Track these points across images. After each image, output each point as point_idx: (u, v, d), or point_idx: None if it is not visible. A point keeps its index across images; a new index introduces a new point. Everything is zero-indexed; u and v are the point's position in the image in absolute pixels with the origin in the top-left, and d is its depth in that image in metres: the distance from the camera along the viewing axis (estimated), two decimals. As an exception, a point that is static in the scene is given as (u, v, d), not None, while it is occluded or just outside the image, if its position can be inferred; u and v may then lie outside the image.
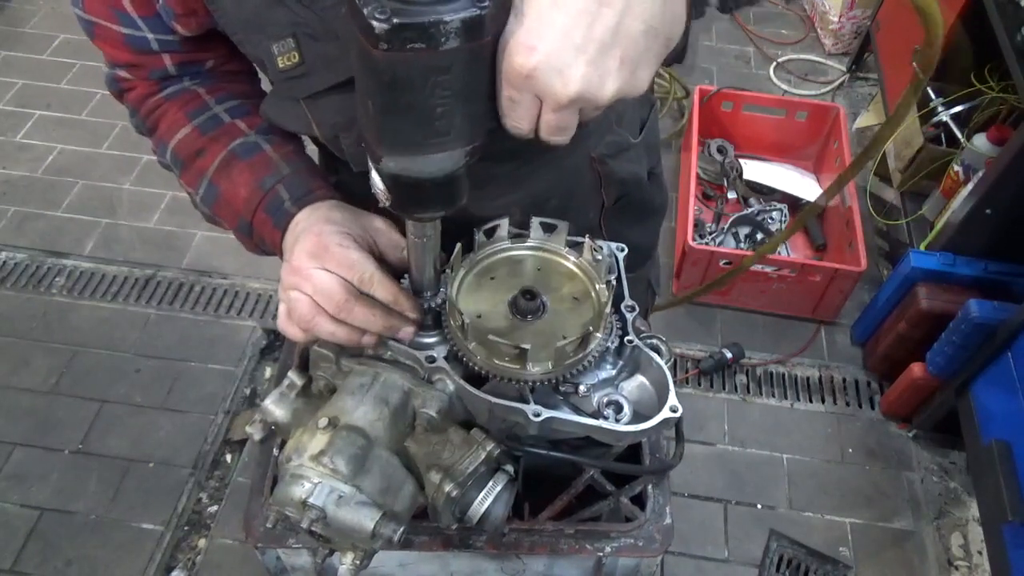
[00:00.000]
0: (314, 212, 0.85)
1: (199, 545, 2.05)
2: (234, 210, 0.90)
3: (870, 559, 2.07)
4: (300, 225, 0.84)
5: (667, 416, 0.80)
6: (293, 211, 0.86)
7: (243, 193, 0.89)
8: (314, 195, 0.87)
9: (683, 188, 2.74)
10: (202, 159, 0.92)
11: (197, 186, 0.93)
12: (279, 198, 0.87)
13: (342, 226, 0.81)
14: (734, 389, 2.42)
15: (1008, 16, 2.00)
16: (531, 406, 0.77)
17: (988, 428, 1.93)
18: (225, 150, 0.91)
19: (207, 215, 0.98)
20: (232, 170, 0.90)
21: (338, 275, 0.76)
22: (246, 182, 0.89)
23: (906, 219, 2.49)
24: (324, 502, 0.69)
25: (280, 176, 0.89)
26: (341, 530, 0.71)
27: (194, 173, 0.93)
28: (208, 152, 0.92)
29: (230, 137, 0.92)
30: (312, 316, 0.76)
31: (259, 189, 0.88)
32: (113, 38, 0.89)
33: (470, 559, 0.95)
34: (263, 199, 0.88)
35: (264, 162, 0.90)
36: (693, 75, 3.28)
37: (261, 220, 0.88)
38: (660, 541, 0.93)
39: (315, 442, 0.73)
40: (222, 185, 0.91)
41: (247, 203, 0.89)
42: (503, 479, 0.79)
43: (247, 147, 0.92)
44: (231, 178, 0.90)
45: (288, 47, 0.79)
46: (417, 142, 0.57)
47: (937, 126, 2.43)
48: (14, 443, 2.19)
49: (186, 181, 0.95)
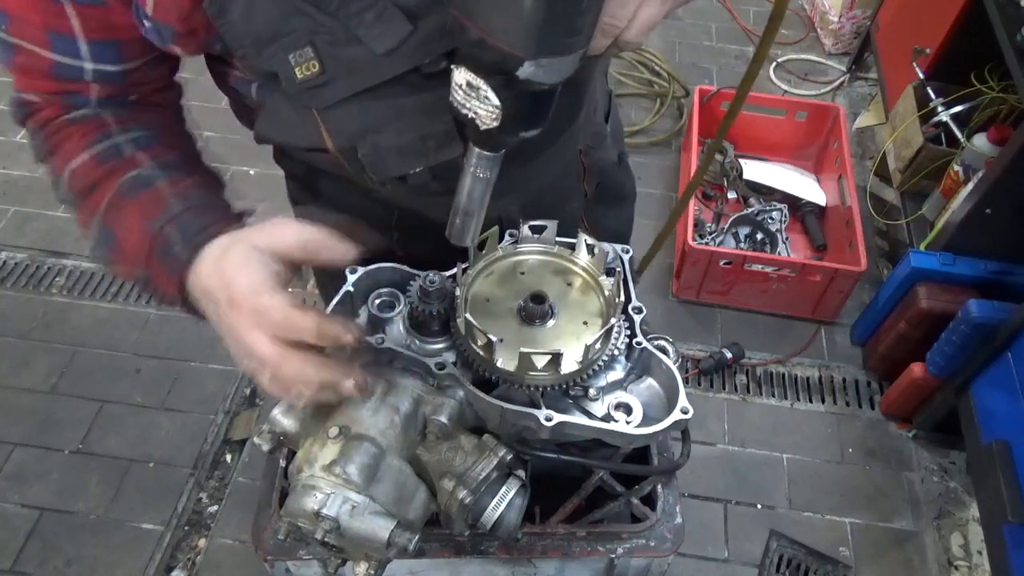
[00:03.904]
0: (211, 253, 0.73)
1: (199, 545, 2.05)
2: (129, 259, 0.79)
3: (870, 559, 2.08)
4: (204, 274, 0.72)
5: (678, 418, 0.80)
6: (184, 256, 0.73)
7: (133, 239, 0.77)
8: (209, 231, 0.74)
9: (683, 188, 2.74)
10: (94, 195, 0.81)
11: (89, 227, 0.82)
12: (167, 242, 0.75)
13: (242, 260, 0.70)
14: (734, 389, 2.42)
15: (1008, 16, 2.01)
16: (543, 411, 0.77)
17: (988, 428, 1.93)
18: (115, 186, 0.80)
19: (106, 266, 0.85)
20: (122, 211, 0.79)
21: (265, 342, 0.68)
22: (136, 225, 0.78)
23: (906, 219, 2.49)
24: (337, 512, 0.69)
25: (170, 215, 0.77)
26: (355, 540, 0.70)
27: (86, 212, 0.82)
28: (100, 187, 0.81)
29: (123, 171, 0.82)
30: (289, 388, 0.70)
31: (147, 233, 0.76)
32: (36, 66, 0.81)
33: (481, 565, 0.95)
34: (152, 244, 0.76)
35: (154, 200, 0.79)
36: (693, 75, 3.27)
37: (156, 270, 0.77)
38: (672, 540, 0.93)
39: (326, 452, 0.73)
40: (115, 229, 0.80)
41: (138, 250, 0.77)
42: (515, 484, 0.79)
43: (138, 182, 0.81)
44: (122, 220, 0.79)
45: (306, 56, 0.76)
46: (562, 43, 0.61)
47: (937, 126, 2.44)
48: (14, 443, 2.18)
49: (81, 222, 0.83)
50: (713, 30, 3.57)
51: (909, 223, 2.48)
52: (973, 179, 2.15)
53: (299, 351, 0.68)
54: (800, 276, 2.40)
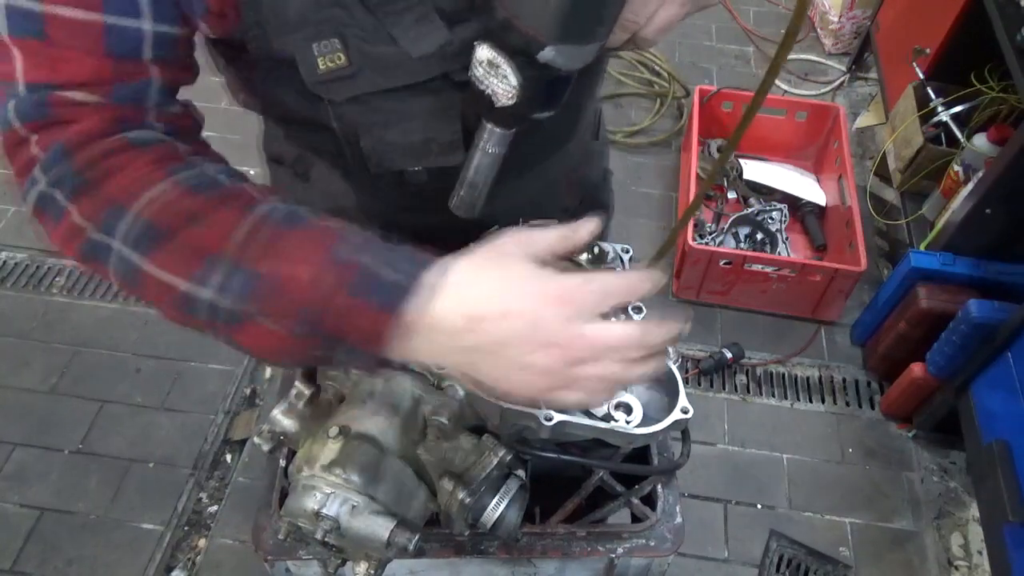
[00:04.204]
0: (458, 279, 0.61)
1: (199, 545, 2.04)
2: (292, 300, 0.61)
3: (870, 559, 2.08)
4: (466, 298, 0.60)
5: (678, 417, 0.80)
6: (406, 282, 0.59)
7: (308, 272, 0.60)
8: (423, 259, 0.62)
9: (683, 188, 2.74)
10: (200, 229, 0.62)
11: (194, 271, 0.62)
12: (370, 272, 0.60)
13: (517, 265, 0.62)
14: (734, 389, 2.42)
15: (1008, 16, 2.00)
16: (543, 410, 0.77)
17: (988, 428, 1.93)
18: (250, 216, 0.63)
19: (230, 321, 0.62)
20: (278, 244, 0.62)
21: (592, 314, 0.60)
22: (310, 256, 0.61)
23: (906, 219, 2.49)
24: (338, 512, 0.69)
25: (358, 244, 0.62)
26: (355, 540, 0.71)
27: (184, 252, 0.62)
28: (212, 220, 0.63)
29: (244, 202, 0.64)
30: (622, 379, 0.63)
31: (332, 263, 0.61)
32: (81, 40, 0.62)
33: (481, 565, 0.95)
34: (343, 276, 0.60)
35: (324, 231, 0.63)
36: (693, 75, 3.27)
37: (346, 307, 0.60)
38: (672, 540, 0.94)
39: (326, 452, 0.73)
40: (262, 266, 0.61)
41: (315, 286, 0.60)
42: (515, 484, 0.80)
43: (287, 215, 0.64)
44: (281, 253, 0.61)
45: (333, 47, 0.72)
46: (585, 31, 0.63)
47: (937, 126, 2.43)
48: (14, 443, 2.18)
49: (164, 264, 0.62)
50: (713, 30, 3.57)
51: (909, 223, 2.48)
52: (973, 179, 2.15)
53: None
54: (800, 276, 2.40)
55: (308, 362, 0.70)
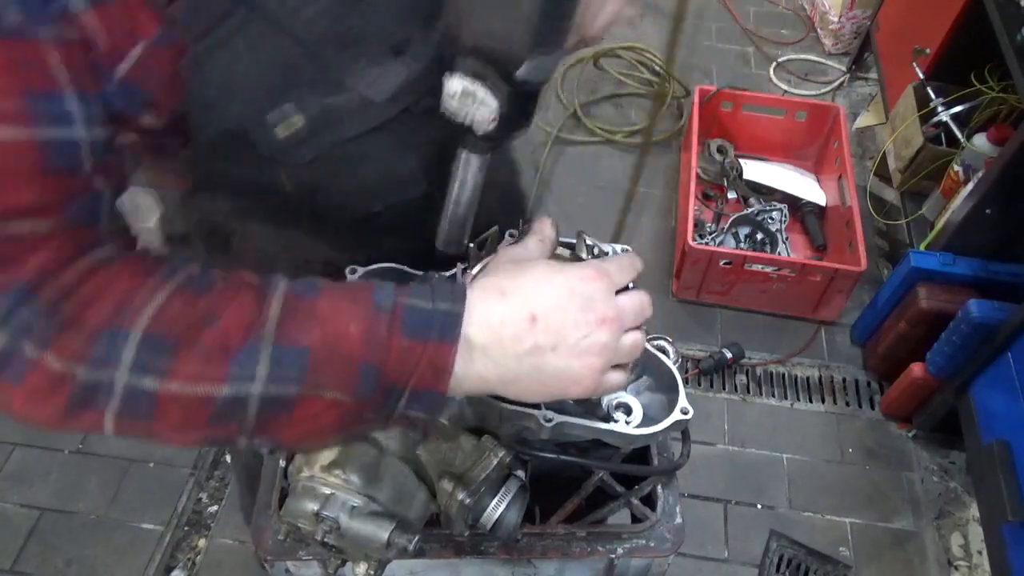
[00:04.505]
0: (487, 286, 0.64)
1: (199, 545, 2.05)
2: (350, 359, 0.58)
3: (870, 559, 2.08)
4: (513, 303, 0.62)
5: (678, 418, 0.80)
6: (456, 309, 0.61)
7: (355, 330, 0.58)
8: (456, 283, 0.64)
9: (683, 188, 2.74)
10: (221, 326, 0.57)
11: (230, 369, 0.56)
12: (414, 311, 0.60)
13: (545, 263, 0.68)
14: (734, 389, 2.42)
15: (1008, 16, 2.00)
16: (543, 411, 0.77)
17: (988, 428, 1.93)
18: (270, 298, 0.59)
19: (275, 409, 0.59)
20: (314, 313, 0.59)
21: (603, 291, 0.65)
22: (350, 315, 0.59)
23: (906, 219, 2.49)
24: (337, 513, 0.69)
25: (389, 289, 0.62)
26: (355, 541, 0.71)
27: (212, 353, 0.56)
28: (231, 313, 0.57)
29: (254, 288, 0.60)
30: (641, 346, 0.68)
31: (379, 313, 0.59)
32: (15, 159, 0.52)
33: (481, 565, 0.95)
34: (396, 321, 0.59)
35: (352, 288, 0.62)
36: (693, 75, 3.27)
37: (406, 348, 0.59)
38: (672, 541, 0.93)
39: (326, 452, 0.73)
40: (308, 338, 0.58)
41: (369, 338, 0.58)
42: (515, 485, 0.79)
43: (307, 286, 0.62)
44: (319, 322, 0.59)
45: (288, 112, 0.69)
46: (556, 39, 0.64)
47: (937, 126, 2.43)
48: (14, 443, 2.18)
49: (190, 376, 0.56)
50: (713, 30, 3.57)
51: (909, 223, 2.48)
52: (973, 179, 2.15)
53: None
54: (800, 276, 2.40)
55: (358, 429, 0.66)
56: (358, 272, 0.87)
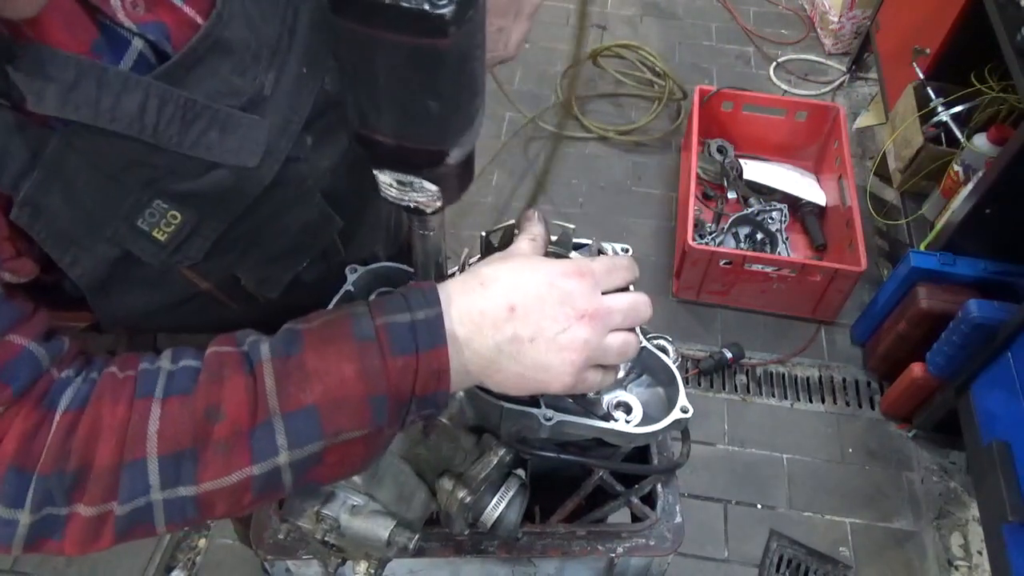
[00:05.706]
0: (459, 288, 0.64)
1: (199, 545, 2.04)
2: (357, 399, 0.60)
3: (870, 559, 2.08)
4: (496, 300, 0.63)
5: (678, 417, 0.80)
6: (433, 314, 0.61)
7: (348, 369, 0.60)
8: (423, 287, 0.64)
9: (683, 188, 2.74)
10: (225, 416, 0.58)
11: (252, 452, 0.58)
12: (399, 329, 0.61)
13: (529, 259, 0.68)
14: (734, 389, 2.42)
15: (1008, 16, 2.00)
16: (543, 410, 0.77)
17: (988, 428, 1.93)
18: (256, 369, 0.60)
19: (308, 464, 0.61)
20: (305, 370, 0.60)
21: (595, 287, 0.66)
22: (338, 357, 0.60)
23: (906, 219, 2.49)
24: (338, 512, 0.69)
25: (365, 314, 0.62)
26: (355, 540, 0.71)
27: (229, 446, 0.58)
28: (228, 400, 0.59)
29: (233, 364, 0.61)
30: (634, 346, 0.68)
31: (363, 344, 0.60)
32: None
33: (481, 564, 0.95)
34: (383, 346, 0.60)
35: (326, 327, 0.62)
36: (693, 75, 3.27)
37: (402, 367, 0.60)
38: (672, 540, 0.93)
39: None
40: (310, 397, 0.59)
41: (365, 373, 0.60)
42: (515, 484, 0.80)
43: (285, 343, 0.62)
44: (314, 378, 0.60)
45: (159, 211, 0.62)
46: (472, 113, 0.58)
47: (937, 126, 2.43)
48: (13, 443, 2.18)
49: (219, 472, 0.58)
50: (713, 30, 3.57)
51: (909, 223, 2.48)
52: (973, 179, 2.15)
53: None
54: (800, 276, 2.40)
55: (385, 444, 0.66)
56: (358, 271, 0.87)
